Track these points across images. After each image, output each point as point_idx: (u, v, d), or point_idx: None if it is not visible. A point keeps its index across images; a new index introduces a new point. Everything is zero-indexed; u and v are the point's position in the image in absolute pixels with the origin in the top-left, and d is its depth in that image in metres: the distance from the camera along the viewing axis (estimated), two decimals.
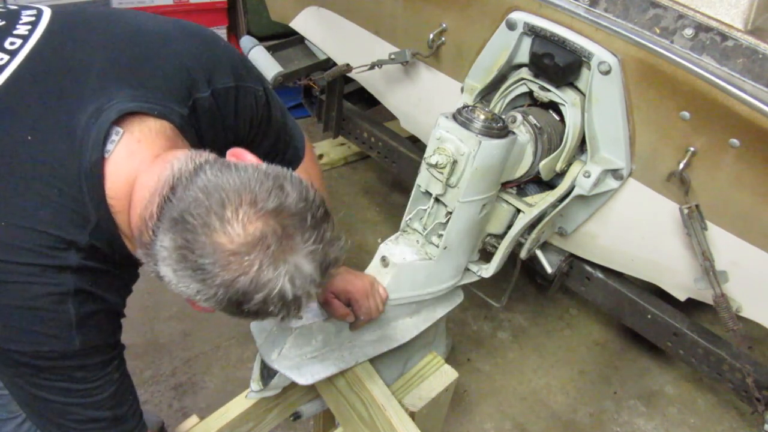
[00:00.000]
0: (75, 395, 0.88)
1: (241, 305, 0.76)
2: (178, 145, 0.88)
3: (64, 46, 0.88)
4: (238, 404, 1.23)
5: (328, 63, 2.04)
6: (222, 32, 3.00)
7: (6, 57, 0.86)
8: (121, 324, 0.94)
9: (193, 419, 1.21)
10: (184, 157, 0.81)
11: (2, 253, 0.78)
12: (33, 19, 0.91)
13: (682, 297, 1.43)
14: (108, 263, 0.86)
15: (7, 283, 0.79)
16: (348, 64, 1.80)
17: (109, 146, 0.81)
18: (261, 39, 2.10)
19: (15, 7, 0.95)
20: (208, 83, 0.96)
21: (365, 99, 2.30)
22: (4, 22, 0.90)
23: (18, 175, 0.80)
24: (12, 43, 0.87)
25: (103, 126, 0.81)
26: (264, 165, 0.82)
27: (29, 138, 0.80)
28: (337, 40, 1.90)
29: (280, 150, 1.18)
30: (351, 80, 2.10)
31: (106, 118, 0.81)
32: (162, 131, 0.86)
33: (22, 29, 0.89)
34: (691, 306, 1.45)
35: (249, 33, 2.96)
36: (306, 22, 1.98)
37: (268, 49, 2.02)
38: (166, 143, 0.86)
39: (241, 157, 0.86)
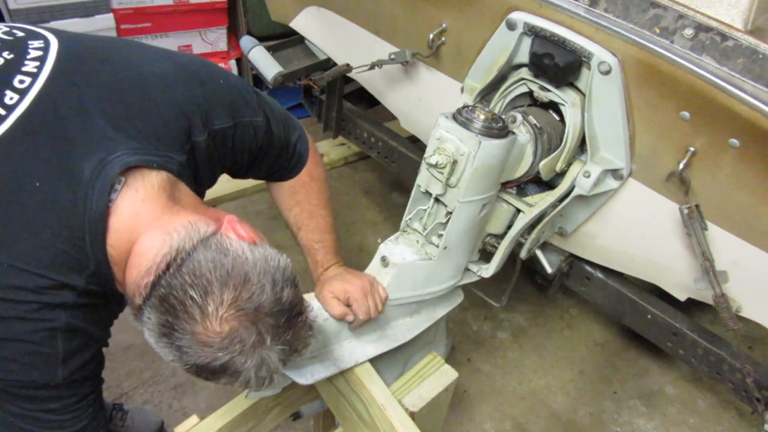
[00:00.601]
0: (46, 425, 0.92)
1: (208, 378, 0.86)
2: (176, 196, 0.92)
3: (70, 87, 0.89)
4: (238, 404, 1.23)
5: (328, 63, 2.04)
6: (222, 32, 3.00)
7: (16, 96, 0.86)
8: (103, 358, 0.98)
9: (193, 419, 1.21)
10: (184, 232, 0.86)
11: (1, 292, 0.82)
12: (41, 53, 0.92)
13: (682, 297, 1.43)
14: (99, 298, 0.90)
15: (2, 318, 0.82)
16: (348, 64, 1.80)
17: (113, 196, 0.85)
18: (261, 39, 2.10)
19: (21, 35, 0.94)
20: (205, 125, 0.98)
21: (365, 99, 2.30)
22: (12, 56, 0.90)
23: (25, 220, 0.83)
24: (21, 82, 0.88)
25: (106, 180, 0.84)
26: (257, 251, 0.87)
27: (37, 185, 0.83)
28: (337, 40, 1.90)
29: (283, 163, 1.20)
30: (351, 80, 2.10)
31: (110, 171, 0.84)
32: (162, 185, 0.90)
33: (30, 66, 0.90)
34: (691, 306, 1.45)
35: (249, 33, 2.96)
36: (306, 22, 1.98)
37: (268, 49, 2.02)
38: (166, 198, 0.90)
39: (235, 230, 0.90)
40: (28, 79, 0.88)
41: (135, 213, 0.87)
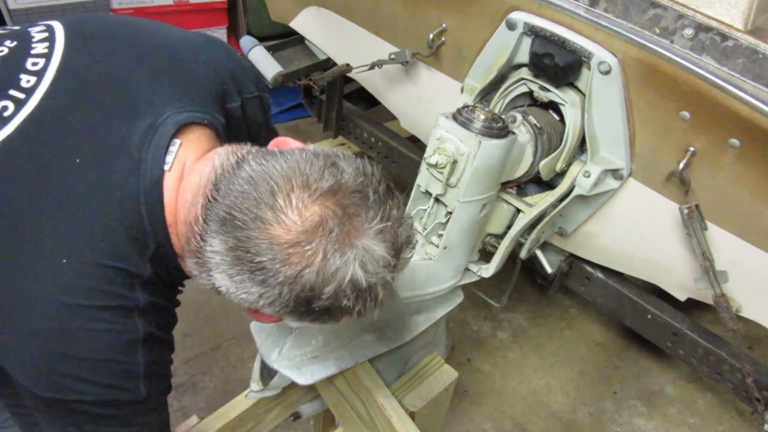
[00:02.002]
0: None
1: (311, 303, 0.69)
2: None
3: (93, 60, 0.82)
4: (238, 404, 1.23)
5: (328, 63, 2.04)
6: (222, 32, 3.00)
7: (33, 78, 0.79)
8: (172, 361, 0.90)
9: (193, 419, 1.21)
10: (224, 152, 0.76)
11: (67, 295, 0.72)
12: (46, 35, 0.85)
13: (682, 297, 1.42)
14: (166, 297, 0.82)
15: (74, 331, 0.73)
16: (348, 64, 1.80)
17: (168, 158, 0.77)
18: (261, 39, 2.10)
19: (18, 27, 0.89)
20: (239, 92, 0.93)
21: (365, 99, 2.30)
22: (15, 43, 0.84)
23: (70, 205, 0.74)
24: (35, 64, 0.80)
25: (162, 141, 0.76)
26: (311, 146, 0.76)
27: (78, 161, 0.75)
28: (337, 40, 1.90)
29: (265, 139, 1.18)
30: (351, 80, 2.10)
31: (164, 132, 0.77)
32: (211, 139, 0.83)
33: (39, 47, 0.83)
34: (691, 306, 1.45)
35: (249, 33, 2.96)
36: (306, 22, 1.98)
37: (268, 49, 2.02)
38: (211, 147, 0.82)
39: (284, 144, 0.80)
40: (41, 60, 0.81)
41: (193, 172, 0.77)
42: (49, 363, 0.73)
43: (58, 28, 0.87)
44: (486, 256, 1.39)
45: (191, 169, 0.78)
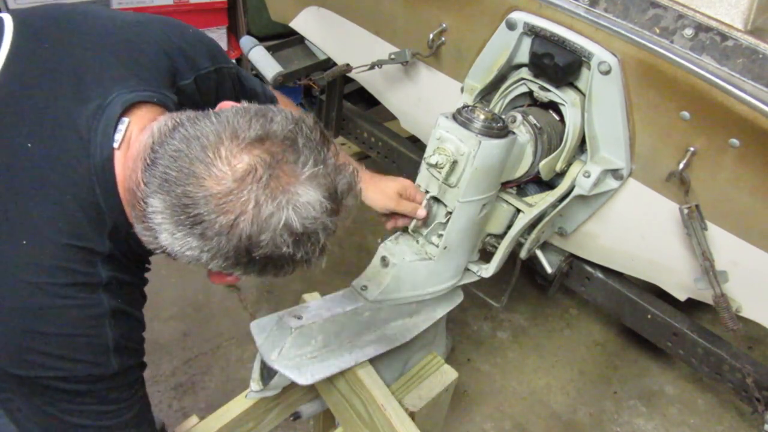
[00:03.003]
0: (106, 417, 0.86)
1: (251, 252, 0.71)
2: None
3: (41, 47, 0.84)
4: (238, 404, 1.23)
5: (328, 63, 2.04)
6: (222, 32, 3.00)
7: None
8: (144, 338, 0.91)
9: (193, 419, 1.21)
10: (163, 119, 0.78)
11: (30, 275, 0.75)
12: None
13: (682, 297, 1.43)
14: (131, 273, 0.84)
15: (40, 309, 0.75)
16: (348, 64, 1.80)
17: (117, 136, 0.78)
18: (261, 39, 2.10)
19: None
20: (191, 68, 0.94)
21: (365, 99, 2.30)
22: None
23: (26, 188, 0.76)
24: None
25: (110, 120, 0.78)
26: (245, 103, 0.77)
27: (29, 146, 0.77)
28: (337, 40, 1.90)
29: None
30: (351, 80, 2.10)
31: (112, 111, 0.79)
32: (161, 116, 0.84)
33: None
34: (691, 306, 1.45)
35: (249, 33, 2.96)
36: (306, 22, 1.98)
37: (268, 49, 2.02)
38: None
39: (225, 106, 0.81)
40: None
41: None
42: (17, 340, 0.75)
43: (7, 19, 0.88)
44: (486, 256, 1.39)
45: (135, 140, 0.79)
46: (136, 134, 0.80)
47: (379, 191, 1.23)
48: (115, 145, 0.78)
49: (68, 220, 0.76)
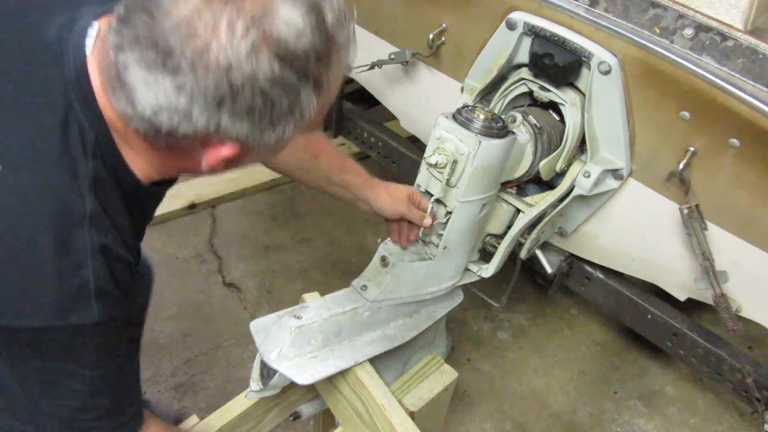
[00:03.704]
0: (79, 379, 0.79)
1: (232, 83, 0.64)
2: None
3: None
4: (238, 404, 1.23)
5: None
6: None
7: None
8: (135, 297, 0.84)
9: (193, 419, 1.21)
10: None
11: (9, 203, 0.69)
12: None
13: (682, 297, 1.43)
14: (116, 205, 0.77)
15: (12, 245, 0.69)
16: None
17: (88, 42, 0.72)
18: None
19: None
20: None
21: (365, 99, 2.30)
22: None
23: (1, 112, 0.71)
24: None
25: (81, 29, 0.72)
26: None
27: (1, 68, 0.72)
28: None
29: None
30: (351, 80, 2.10)
31: (83, 22, 0.73)
32: None
33: None
34: (691, 306, 1.45)
35: None
36: None
37: None
38: None
39: None
40: None
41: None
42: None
43: None
44: (486, 256, 1.39)
45: (104, 38, 0.71)
46: (105, 33, 0.72)
47: (391, 196, 1.23)
48: (87, 51, 0.72)
49: (46, 142, 0.71)
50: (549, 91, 1.30)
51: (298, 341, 1.12)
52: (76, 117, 0.72)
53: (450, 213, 1.20)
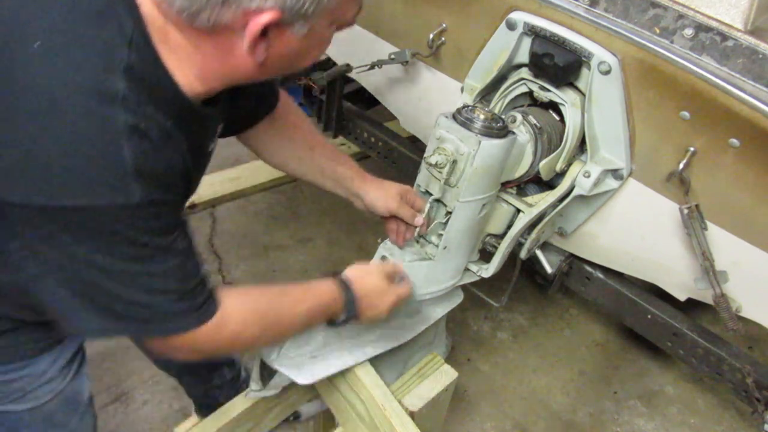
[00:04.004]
0: (140, 262, 0.77)
1: None
2: None
3: None
4: (238, 404, 1.23)
5: (328, 63, 2.04)
6: None
7: None
8: (186, 180, 0.82)
9: (193, 419, 1.21)
10: None
11: (46, 77, 0.69)
12: None
13: (682, 297, 1.43)
14: (152, 99, 0.75)
15: (55, 126, 0.69)
16: (348, 64, 1.80)
17: None
18: None
19: None
20: None
21: (365, 99, 2.30)
22: None
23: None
24: None
25: None
26: None
27: None
28: (337, 40, 1.90)
29: (265, 91, 1.14)
30: (351, 80, 2.10)
31: None
32: None
33: None
34: (691, 306, 1.45)
35: None
36: None
37: None
38: None
39: None
40: None
41: None
42: (37, 161, 0.70)
43: None
44: (486, 256, 1.39)
45: None
46: None
47: (383, 191, 1.23)
48: None
49: (85, 27, 0.71)
50: (549, 91, 1.30)
51: (298, 341, 1.12)
52: (114, 9, 0.72)
53: (450, 213, 1.20)
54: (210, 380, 1.68)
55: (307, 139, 1.22)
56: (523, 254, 1.46)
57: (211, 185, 2.62)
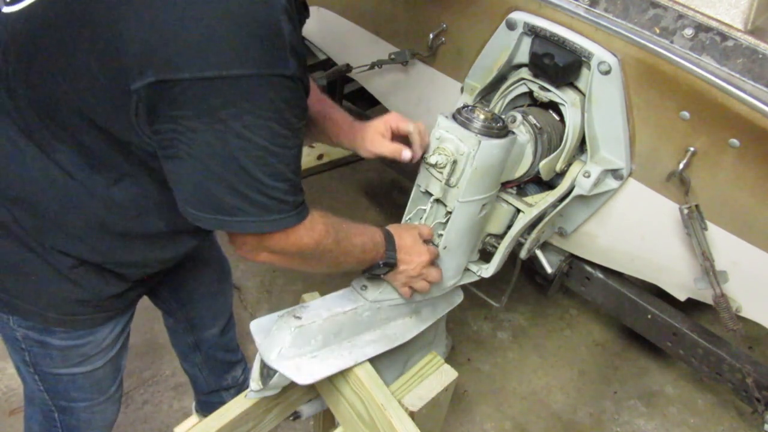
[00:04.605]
0: (277, 141, 0.83)
1: None
2: None
3: None
4: (238, 404, 1.23)
5: (328, 63, 2.04)
6: None
7: None
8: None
9: (193, 419, 1.21)
10: None
11: None
12: None
13: (682, 297, 1.43)
14: None
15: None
16: (348, 64, 1.80)
17: None
18: None
19: None
20: None
21: (365, 99, 2.30)
22: None
23: None
24: None
25: None
26: None
27: None
28: (337, 40, 1.90)
29: None
30: (351, 80, 2.10)
31: None
32: None
33: None
34: (691, 306, 1.45)
35: None
36: (306, 22, 1.98)
37: None
38: None
39: None
40: None
41: None
42: (210, 38, 0.76)
43: None
44: (486, 256, 1.39)
45: None
46: None
47: (362, 137, 1.20)
48: None
49: None
50: (549, 91, 1.30)
51: (298, 341, 1.12)
52: None
53: (450, 213, 1.20)
54: (224, 379, 1.71)
55: (320, 108, 1.22)
56: (523, 254, 1.46)
57: None
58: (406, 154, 1.15)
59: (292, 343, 1.11)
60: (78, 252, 0.99)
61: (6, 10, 0.92)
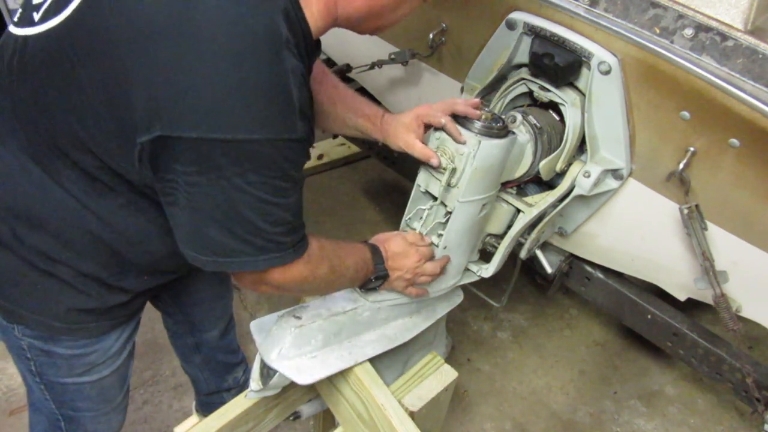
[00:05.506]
0: (280, 194, 0.85)
1: None
2: None
3: None
4: (238, 404, 1.23)
5: (328, 63, 2.04)
6: None
7: None
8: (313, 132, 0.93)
9: (193, 419, 1.21)
10: None
11: (230, 27, 0.76)
12: None
13: (682, 297, 1.43)
14: (297, 39, 0.84)
15: (241, 54, 0.76)
16: (348, 64, 1.80)
17: None
18: None
19: None
20: None
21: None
22: None
23: None
24: None
25: None
26: None
27: None
28: (337, 40, 1.90)
29: None
30: (351, 80, 2.10)
31: None
32: None
33: None
34: (691, 306, 1.45)
35: None
36: None
37: None
38: None
39: None
40: None
41: None
42: (221, 101, 0.76)
43: None
44: (486, 256, 1.39)
45: None
46: None
47: (393, 132, 1.20)
48: None
49: None
50: (549, 91, 1.30)
51: (298, 341, 1.12)
52: None
53: (450, 213, 1.20)
54: (225, 380, 1.71)
55: (331, 94, 1.25)
56: (523, 254, 1.46)
57: None
58: (434, 161, 1.12)
59: (292, 343, 1.11)
60: (82, 267, 1.00)
61: (20, 32, 0.91)
